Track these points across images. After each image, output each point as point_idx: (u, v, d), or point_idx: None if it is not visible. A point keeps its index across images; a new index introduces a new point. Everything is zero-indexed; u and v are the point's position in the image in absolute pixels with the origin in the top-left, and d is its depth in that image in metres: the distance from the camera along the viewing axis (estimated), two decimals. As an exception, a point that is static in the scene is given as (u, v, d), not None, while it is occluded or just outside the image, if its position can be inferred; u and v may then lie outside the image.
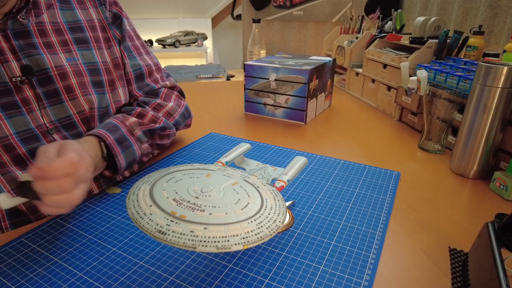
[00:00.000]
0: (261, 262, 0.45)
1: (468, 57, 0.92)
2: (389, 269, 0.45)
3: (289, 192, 0.62)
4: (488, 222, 0.42)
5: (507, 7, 0.97)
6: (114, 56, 0.68)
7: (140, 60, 0.73)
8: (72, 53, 0.61)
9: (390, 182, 0.66)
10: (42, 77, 0.56)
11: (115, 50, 0.69)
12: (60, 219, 0.54)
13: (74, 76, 0.60)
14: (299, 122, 1.00)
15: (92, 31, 0.65)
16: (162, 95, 0.74)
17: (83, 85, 0.61)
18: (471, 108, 0.66)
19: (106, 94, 0.65)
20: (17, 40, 0.54)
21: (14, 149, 0.53)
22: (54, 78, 0.58)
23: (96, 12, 0.67)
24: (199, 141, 0.85)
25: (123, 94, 0.70)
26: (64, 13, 0.62)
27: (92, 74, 0.63)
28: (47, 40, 0.58)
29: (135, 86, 0.72)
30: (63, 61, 0.59)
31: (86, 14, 0.65)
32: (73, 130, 0.61)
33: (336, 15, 1.78)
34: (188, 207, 0.36)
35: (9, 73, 0.53)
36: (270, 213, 0.38)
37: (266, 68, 0.98)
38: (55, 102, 0.58)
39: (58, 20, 0.61)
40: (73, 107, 0.60)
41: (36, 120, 0.56)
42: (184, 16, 3.45)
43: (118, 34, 0.70)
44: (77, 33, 0.63)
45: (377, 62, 1.13)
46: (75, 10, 0.64)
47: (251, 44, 1.53)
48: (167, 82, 0.78)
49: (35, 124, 0.56)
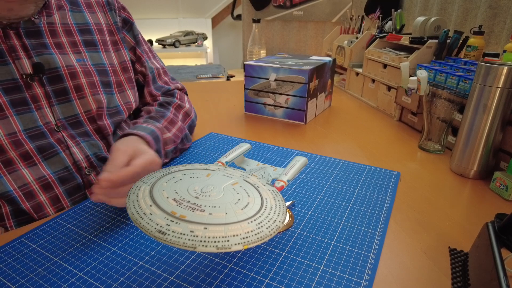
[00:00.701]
0: (261, 262, 0.45)
1: (468, 57, 0.92)
2: (389, 269, 0.45)
3: (289, 192, 0.62)
4: (488, 222, 0.42)
5: (507, 7, 0.97)
6: (122, 60, 0.70)
7: (151, 64, 0.77)
8: (81, 54, 0.63)
9: (390, 182, 0.66)
10: (52, 76, 0.57)
11: (123, 53, 0.70)
12: (60, 219, 0.54)
13: (84, 76, 0.62)
14: (299, 122, 1.00)
15: (100, 34, 0.67)
16: (178, 96, 0.80)
17: (92, 85, 0.63)
18: (471, 108, 0.66)
19: (114, 94, 0.67)
20: (29, 39, 0.55)
21: (22, 146, 0.54)
22: (64, 77, 0.59)
23: (104, 16, 0.69)
24: (199, 141, 0.85)
25: (133, 96, 0.72)
26: (74, 15, 0.64)
27: (101, 75, 0.65)
28: (57, 40, 0.60)
29: (152, 86, 0.77)
30: (73, 61, 0.61)
31: (94, 18, 0.67)
32: (79, 129, 0.61)
33: (336, 15, 1.78)
34: (188, 207, 0.36)
35: (20, 70, 0.54)
36: (270, 213, 0.38)
37: (266, 68, 0.98)
38: (64, 101, 0.59)
39: (68, 21, 0.62)
40: (81, 106, 0.61)
41: (44, 118, 0.57)
42: (184, 16, 3.45)
43: (130, 38, 0.73)
44: (86, 35, 0.65)
45: (377, 62, 1.13)
46: (84, 13, 0.66)
47: (251, 44, 1.53)
48: (178, 85, 0.84)
49: (42, 122, 0.56)
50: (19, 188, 0.54)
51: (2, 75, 0.52)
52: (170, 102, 0.76)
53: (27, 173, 0.54)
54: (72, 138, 0.60)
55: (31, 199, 0.55)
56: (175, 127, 0.71)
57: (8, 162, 0.53)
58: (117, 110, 0.67)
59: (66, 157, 0.58)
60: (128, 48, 0.72)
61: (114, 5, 0.71)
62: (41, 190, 0.56)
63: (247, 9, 2.03)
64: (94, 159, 0.61)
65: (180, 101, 0.79)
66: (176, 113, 0.74)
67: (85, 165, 0.60)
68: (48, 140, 0.57)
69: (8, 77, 0.53)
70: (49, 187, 0.56)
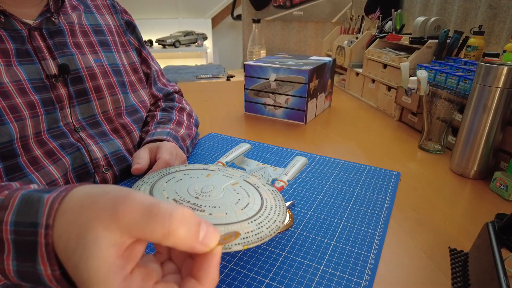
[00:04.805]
0: (261, 262, 0.45)
1: (468, 57, 0.92)
2: (389, 269, 0.45)
3: (289, 192, 0.62)
4: (488, 222, 0.42)
5: (507, 7, 0.97)
6: (131, 61, 0.72)
7: (152, 66, 0.79)
8: (98, 54, 0.64)
9: (390, 182, 0.66)
10: (74, 76, 0.59)
11: (131, 55, 0.72)
12: (60, 219, 0.54)
13: (102, 77, 0.63)
14: (299, 122, 1.00)
15: (111, 35, 0.68)
16: (177, 100, 0.81)
17: (110, 86, 0.64)
18: (471, 108, 0.66)
19: (129, 94, 0.69)
20: (52, 39, 0.57)
21: (46, 145, 0.54)
22: (84, 78, 0.60)
23: (112, 18, 0.71)
24: (199, 141, 0.85)
25: (146, 95, 0.74)
26: (87, 16, 0.65)
27: (116, 75, 0.66)
28: (76, 40, 0.61)
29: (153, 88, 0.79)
30: (91, 62, 0.62)
31: (104, 19, 0.69)
32: (97, 129, 0.62)
33: (336, 15, 1.78)
34: (188, 207, 0.36)
35: (46, 71, 0.55)
36: (270, 213, 0.38)
37: (266, 68, 0.98)
38: (83, 101, 0.60)
39: (83, 22, 0.64)
40: (99, 106, 0.62)
41: (65, 118, 0.57)
42: (184, 16, 3.45)
43: (134, 40, 0.75)
44: (100, 36, 0.66)
45: (377, 62, 1.13)
46: (95, 14, 0.67)
47: (251, 44, 1.53)
48: (176, 87, 0.85)
49: (63, 122, 0.57)
50: (47, 186, 0.53)
51: (32, 74, 0.53)
52: (172, 106, 0.78)
53: (53, 170, 0.54)
54: (91, 137, 0.60)
55: None
56: (183, 126, 0.74)
57: (34, 160, 0.53)
58: (134, 108, 0.69)
59: (85, 154, 0.58)
60: (134, 49, 0.74)
61: (118, 8, 0.73)
62: None
63: (247, 9, 2.03)
64: (112, 158, 0.62)
65: (180, 103, 0.81)
66: (180, 115, 0.77)
67: (103, 163, 0.60)
68: (69, 140, 0.57)
69: (36, 76, 0.54)
70: (68, 184, 0.56)
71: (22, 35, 0.53)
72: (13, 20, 0.52)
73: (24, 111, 0.51)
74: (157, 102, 0.79)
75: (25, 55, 0.53)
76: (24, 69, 0.52)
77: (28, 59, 0.53)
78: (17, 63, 0.52)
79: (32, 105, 0.52)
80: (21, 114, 0.51)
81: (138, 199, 0.24)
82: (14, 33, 0.52)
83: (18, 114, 0.50)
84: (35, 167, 0.52)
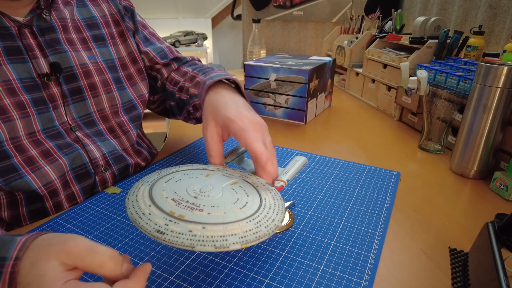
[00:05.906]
0: (261, 262, 0.45)
1: (468, 57, 0.92)
2: (389, 269, 0.45)
3: (289, 192, 0.62)
4: (488, 222, 0.42)
5: (507, 7, 0.97)
6: (130, 50, 0.69)
7: (160, 44, 0.76)
8: (92, 51, 0.62)
9: (390, 182, 0.66)
10: (68, 75, 0.57)
11: (129, 43, 0.69)
12: (60, 219, 0.54)
13: (97, 75, 0.61)
14: (299, 122, 1.00)
15: (107, 27, 0.66)
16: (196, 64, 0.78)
17: (106, 83, 0.63)
18: (471, 108, 0.66)
19: (126, 88, 0.67)
20: (43, 37, 0.55)
21: (42, 144, 0.54)
22: (78, 76, 0.58)
23: (108, 7, 0.68)
24: (199, 142, 0.85)
25: (145, 87, 0.71)
26: (80, 10, 0.63)
27: (112, 71, 0.65)
28: (69, 36, 0.59)
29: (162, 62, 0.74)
30: (85, 59, 0.60)
31: (99, 11, 0.66)
32: (93, 128, 0.61)
33: (336, 15, 1.78)
34: (187, 207, 0.36)
35: (38, 70, 0.54)
36: (269, 212, 0.38)
37: (266, 68, 0.98)
38: (78, 100, 0.59)
39: (75, 17, 0.62)
40: (94, 104, 0.61)
41: (60, 118, 0.57)
42: (184, 16, 3.45)
43: (131, 25, 0.71)
44: (94, 30, 0.64)
45: (377, 62, 1.13)
46: (89, 6, 0.65)
47: (251, 44, 1.53)
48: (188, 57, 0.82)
49: (59, 122, 0.56)
50: (44, 187, 0.53)
51: (22, 73, 0.52)
52: (195, 64, 0.77)
53: (50, 170, 0.53)
54: (88, 137, 0.60)
55: (55, 197, 0.55)
56: None
57: (30, 160, 0.52)
58: (131, 104, 0.67)
59: (84, 154, 0.58)
60: (133, 35, 0.71)
61: None
62: (62, 187, 0.56)
63: (247, 9, 2.03)
64: (110, 157, 0.62)
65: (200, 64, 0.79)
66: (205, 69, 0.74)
67: (101, 163, 0.60)
68: (66, 140, 0.56)
69: (27, 75, 0.52)
70: (67, 184, 0.56)
71: (11, 32, 0.51)
72: (1, 17, 0.51)
73: (13, 111, 0.50)
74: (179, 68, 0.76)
75: (15, 53, 0.51)
76: (14, 68, 0.51)
77: (19, 58, 0.52)
78: (6, 61, 0.51)
79: (22, 105, 0.51)
80: (9, 115, 0.50)
81: (83, 240, 0.31)
82: (3, 31, 0.51)
83: (6, 115, 0.50)
84: (31, 167, 0.52)
